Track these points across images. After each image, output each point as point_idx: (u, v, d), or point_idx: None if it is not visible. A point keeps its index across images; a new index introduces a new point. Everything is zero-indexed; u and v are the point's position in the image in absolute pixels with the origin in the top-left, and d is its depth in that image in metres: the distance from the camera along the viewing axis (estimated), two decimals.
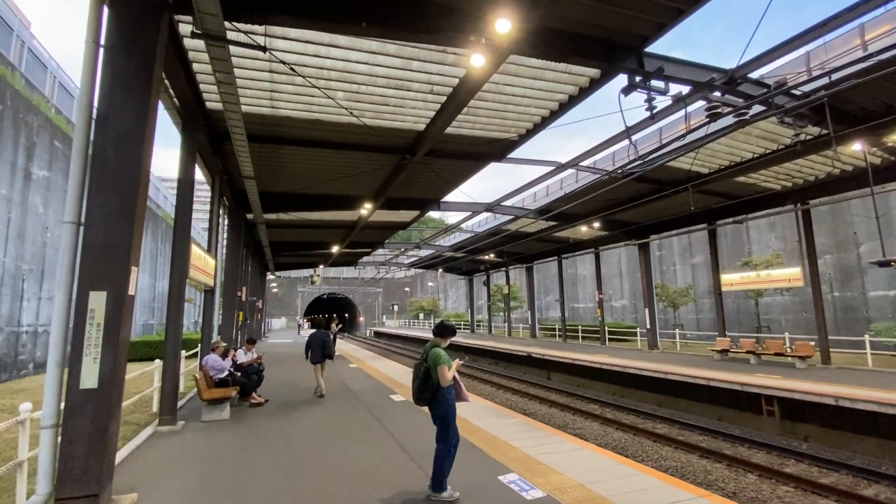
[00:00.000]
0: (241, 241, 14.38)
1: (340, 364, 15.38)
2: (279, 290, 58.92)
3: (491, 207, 16.77)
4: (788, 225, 20.16)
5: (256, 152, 9.53)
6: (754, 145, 11.28)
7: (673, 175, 13.44)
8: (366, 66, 7.17)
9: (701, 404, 12.40)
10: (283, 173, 11.95)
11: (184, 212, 7.26)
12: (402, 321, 60.55)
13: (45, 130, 15.12)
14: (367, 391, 9.81)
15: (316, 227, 18.83)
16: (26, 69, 15.65)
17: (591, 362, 16.08)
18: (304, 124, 8.97)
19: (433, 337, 4.33)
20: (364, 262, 37.13)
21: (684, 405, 12.88)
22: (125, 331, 4.00)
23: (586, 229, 19.28)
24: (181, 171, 7.35)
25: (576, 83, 8.15)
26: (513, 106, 8.94)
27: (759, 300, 19.14)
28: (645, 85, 7.00)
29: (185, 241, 7.21)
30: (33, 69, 16.59)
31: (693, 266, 24.82)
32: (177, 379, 7.09)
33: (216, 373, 7.91)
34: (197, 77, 7.12)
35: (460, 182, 13.08)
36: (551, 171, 13.71)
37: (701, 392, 12.20)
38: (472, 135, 10.11)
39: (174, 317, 6.98)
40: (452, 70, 7.45)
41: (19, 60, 15.55)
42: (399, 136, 9.82)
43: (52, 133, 15.46)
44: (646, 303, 19.18)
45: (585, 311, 32.60)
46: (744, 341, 14.91)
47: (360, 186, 13.40)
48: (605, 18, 6.29)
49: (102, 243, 3.89)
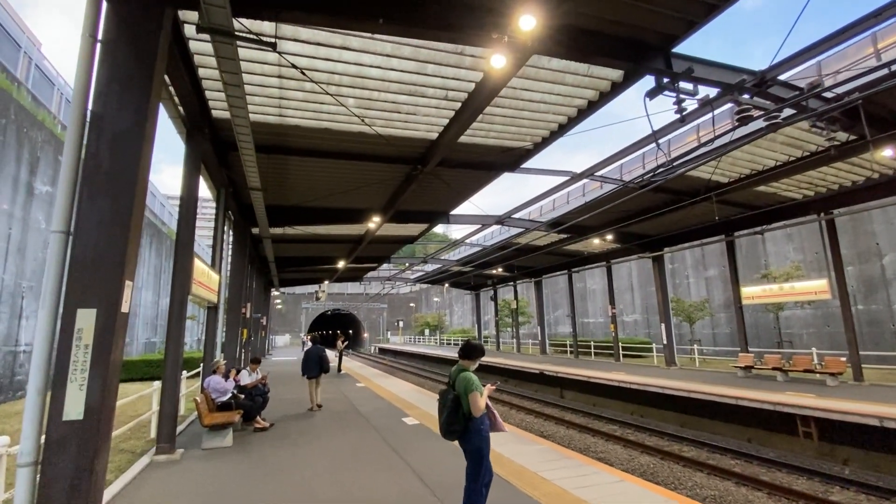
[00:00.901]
0: (246, 256, 14.00)
1: (347, 383, 14.82)
2: (283, 306, 58.42)
3: (501, 220, 16.37)
4: (807, 236, 19.62)
5: (263, 163, 9.21)
6: (778, 152, 10.87)
7: (691, 185, 13.02)
8: (379, 70, 6.85)
9: (728, 425, 11.74)
10: (291, 186, 11.62)
11: (187, 224, 6.88)
12: (406, 337, 59.74)
13: (50, 146, 14.95)
14: (377, 413, 9.26)
15: (322, 241, 18.46)
16: (33, 86, 15.59)
17: (608, 380, 15.42)
18: (313, 133, 8.64)
19: (459, 359, 3.85)
20: (369, 278, 36.67)
21: (709, 425, 12.21)
22: (117, 353, 3.56)
23: (598, 242, 18.82)
24: (184, 181, 6.99)
25: (596, 87, 7.80)
26: (529, 112, 8.59)
27: (779, 314, 18.46)
28: (673, 86, 6.64)
29: (188, 254, 6.81)
30: (41, 86, 16.55)
31: (707, 279, 24.20)
32: (176, 402, 6.60)
33: (218, 395, 7.42)
34: (203, 83, 6.81)
35: (471, 193, 12.71)
36: (564, 182, 13.34)
37: (728, 412, 11.55)
38: (485, 144, 9.75)
39: (175, 335, 6.53)
40: (469, 74, 7.12)
41: (26, 77, 15.50)
42: (411, 146, 9.48)
43: (57, 148, 15.29)
44: (661, 317, 18.57)
45: (596, 326, 31.88)
46: (768, 357, 14.25)
47: (368, 199, 13.05)
48: (632, 16, 5.95)
49: (93, 255, 3.47)
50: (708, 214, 15.73)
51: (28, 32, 16.53)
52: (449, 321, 58.80)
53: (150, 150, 3.93)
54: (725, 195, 13.28)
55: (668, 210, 14.23)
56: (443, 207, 14.78)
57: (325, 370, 10.01)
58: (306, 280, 35.02)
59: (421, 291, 66.40)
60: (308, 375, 9.83)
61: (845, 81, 7.90)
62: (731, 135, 9.04)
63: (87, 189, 3.55)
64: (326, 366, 10.06)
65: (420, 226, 16.86)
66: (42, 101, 15.84)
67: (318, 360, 9.87)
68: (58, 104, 17.87)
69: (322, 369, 9.90)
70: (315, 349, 10.10)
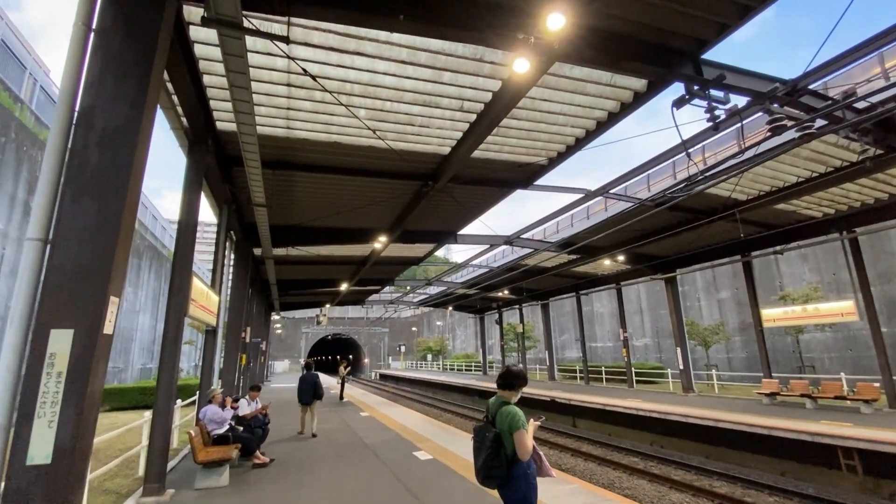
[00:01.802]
0: (248, 277, 13.49)
1: (350, 411, 14.05)
2: (283, 330, 57.39)
3: (510, 240, 15.93)
4: (822, 257, 19.12)
5: (269, 180, 8.82)
6: (801, 168, 10.50)
7: (709, 202, 12.62)
8: (393, 78, 6.53)
9: (758, 457, 10.95)
10: (296, 204, 11.22)
11: (186, 240, 6.41)
12: (408, 362, 58.45)
13: None
14: (385, 446, 8.56)
15: (326, 262, 17.98)
16: (37, 107, 15.45)
17: (625, 408, 14.64)
18: (321, 148, 8.28)
19: (498, 390, 3.29)
20: (371, 301, 35.98)
21: (737, 457, 11.42)
22: (97, 383, 3.02)
23: (609, 263, 18.31)
24: (185, 196, 6.57)
25: (618, 98, 7.47)
26: (546, 125, 8.25)
27: (799, 337, 17.77)
28: (704, 94, 6.28)
29: (186, 273, 6.31)
30: (45, 108, 16.44)
31: (720, 301, 23.56)
32: (168, 436, 5.97)
33: (215, 427, 6.78)
34: (207, 92, 6.48)
35: (481, 212, 12.30)
36: (572, 203, 12.94)
37: (757, 442, 10.79)
38: (499, 159, 9.40)
39: (169, 361, 5.96)
40: (487, 83, 6.80)
41: (31, 98, 15.39)
42: (422, 161, 9.11)
43: None
44: (676, 341, 17.86)
45: (604, 351, 31.00)
46: (795, 383, 13.52)
47: (375, 218, 12.64)
48: (662, 18, 5.65)
49: (74, 265, 2.98)
50: (723, 234, 15.32)
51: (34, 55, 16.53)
52: (451, 346, 57.65)
53: (145, 150, 3.49)
54: (742, 214, 12.88)
55: (684, 229, 13.80)
56: (450, 227, 14.36)
57: (319, 397, 10.11)
58: (307, 304, 34.35)
59: (423, 315, 65.41)
60: (303, 402, 10.03)
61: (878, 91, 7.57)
62: (756, 148, 8.68)
63: (70, 191, 3.09)
64: (321, 392, 10.16)
65: (426, 246, 16.41)
66: (46, 122, 15.68)
67: (312, 385, 10.05)
68: None
69: (315, 395, 10.02)
70: (310, 375, 10.27)
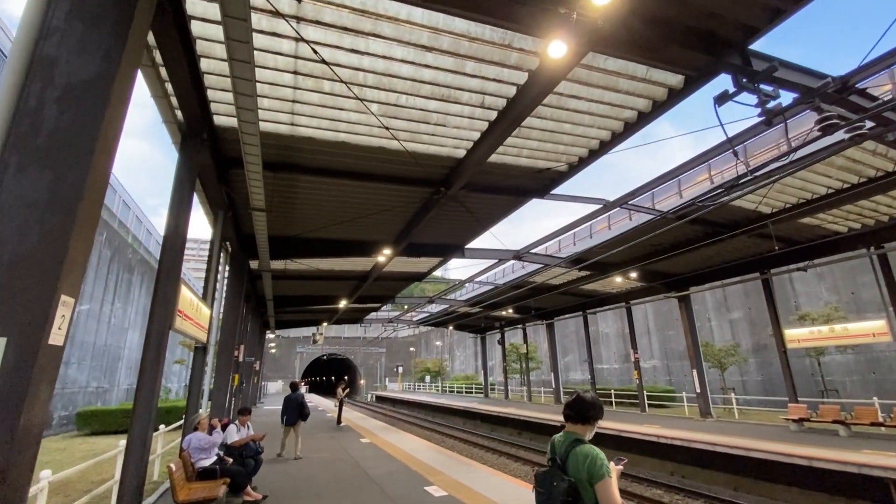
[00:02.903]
0: (243, 292, 12.68)
1: (349, 437, 13.04)
2: (277, 350, 55.91)
3: (519, 255, 15.25)
4: (840, 275, 18.51)
5: (269, 184, 8.14)
6: (834, 178, 9.95)
7: (732, 216, 12.03)
8: (411, 67, 5.93)
9: (793, 490, 10.05)
10: (296, 212, 10.53)
11: (174, 244, 5.67)
12: (406, 384, 56.88)
13: None
14: (391, 479, 7.64)
15: (325, 278, 17.19)
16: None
17: (642, 434, 13.71)
18: (327, 148, 7.64)
19: (568, 424, 2.52)
20: (370, 319, 34.99)
21: (768, 490, 10.50)
22: (37, 407, 2.24)
23: (621, 280, 17.62)
24: (175, 193, 5.86)
25: (651, 96, 6.91)
26: (570, 126, 7.67)
27: (820, 359, 16.98)
28: (754, 87, 5.71)
29: (173, 281, 5.55)
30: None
31: (731, 322, 22.80)
32: (144, 469, 5.10)
33: (201, 457, 5.90)
34: (205, 80, 5.85)
35: (493, 223, 11.64)
36: (588, 215, 12.34)
37: (797, 474, 9.90)
38: (516, 164, 8.78)
39: (149, 381, 5.14)
40: (513, 75, 6.22)
41: None
42: (435, 165, 8.48)
43: None
44: (691, 363, 17.04)
45: (610, 373, 29.99)
46: (825, 408, 12.69)
47: (380, 228, 11.95)
48: (712, 2, 5.11)
49: (11, 254, 2.25)
50: (741, 250, 14.71)
51: None
52: (450, 367, 56.26)
53: (120, 114, 2.80)
54: (764, 229, 12.29)
55: (703, 244, 13.17)
56: (458, 240, 13.68)
57: (304, 417, 10.19)
58: (304, 322, 33.35)
59: (420, 335, 64.12)
60: (288, 423, 10.03)
61: None
62: (792, 155, 8.12)
63: (15, 158, 2.38)
64: (306, 412, 10.24)
65: (432, 260, 15.69)
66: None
67: (298, 406, 10.11)
68: None
69: (301, 416, 10.11)
70: (295, 396, 10.32)
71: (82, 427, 15.11)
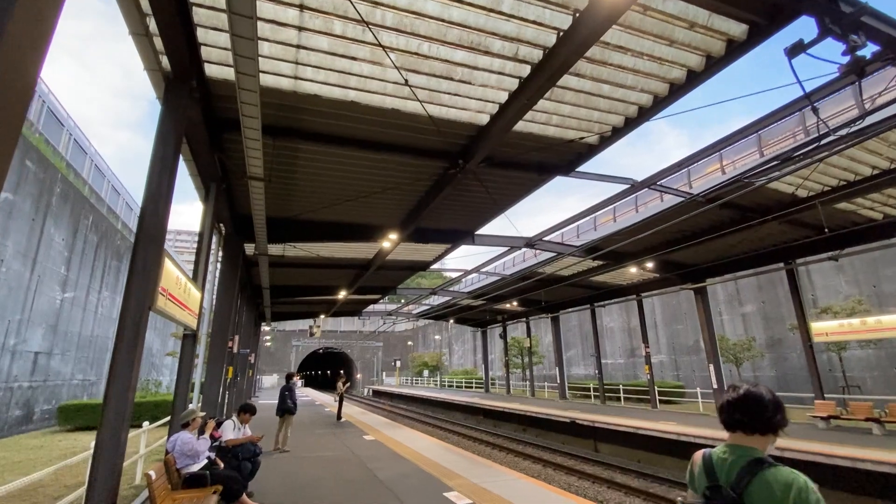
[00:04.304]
0: (237, 279, 11.75)
1: (352, 434, 12.21)
2: (273, 343, 54.93)
3: (532, 242, 14.40)
4: (860, 268, 17.83)
5: (268, 154, 7.18)
6: (883, 156, 9.16)
7: (764, 200, 11.22)
8: (437, 4, 5.03)
9: (837, 493, 9.36)
10: (297, 189, 9.61)
11: (156, 208, 4.75)
12: (403, 378, 56.14)
13: (18, 149, 12.95)
14: (405, 484, 6.81)
15: (325, 266, 16.27)
16: None
17: (660, 431, 12.97)
18: (334, 108, 6.72)
19: (734, 434, 1.68)
20: (368, 312, 34.09)
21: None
22: None
23: (635, 270, 16.83)
24: (157, 150, 4.94)
25: (707, 49, 6.04)
26: (609, 88, 6.80)
27: (841, 355, 16.31)
28: (842, 34, 4.86)
29: (155, 252, 4.64)
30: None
31: (744, 316, 22.12)
32: (116, 477, 4.21)
33: (187, 462, 5.03)
34: (193, 14, 4.91)
35: (510, 204, 10.76)
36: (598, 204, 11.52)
37: (835, 476, 9.20)
38: (543, 134, 7.90)
39: (124, 372, 4.24)
40: (555, 18, 5.34)
41: None
42: (454, 133, 7.58)
43: (25, 151, 13.29)
44: (709, 358, 16.33)
45: (614, 368, 29.33)
46: (856, 405, 12.01)
47: (386, 210, 11.06)
48: None
49: None
50: (766, 239, 13.94)
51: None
52: (448, 361, 55.55)
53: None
54: (794, 215, 11.52)
55: (728, 231, 12.38)
56: (469, 225, 12.80)
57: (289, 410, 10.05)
58: (300, 314, 32.41)
59: (418, 329, 63.34)
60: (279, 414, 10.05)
61: None
62: (861, 121, 7.28)
63: None
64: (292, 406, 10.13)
65: (438, 248, 14.81)
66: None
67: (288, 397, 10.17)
68: (38, 112, 16.08)
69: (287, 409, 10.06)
70: (286, 387, 10.39)
71: (65, 422, 14.17)
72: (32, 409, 14.61)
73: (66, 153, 18.38)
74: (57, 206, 15.40)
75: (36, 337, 14.61)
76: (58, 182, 15.34)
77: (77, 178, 18.55)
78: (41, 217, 14.36)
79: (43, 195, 14.37)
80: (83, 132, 20.75)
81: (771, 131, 12.46)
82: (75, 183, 17.74)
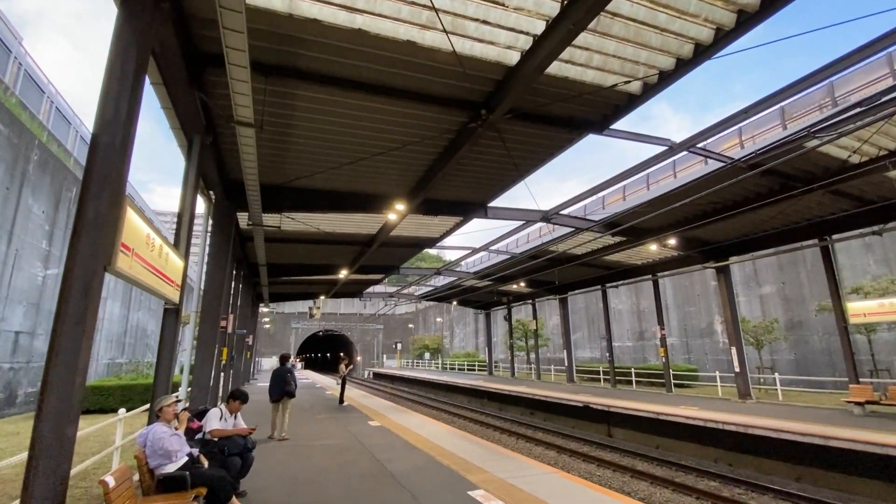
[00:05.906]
0: (230, 251, 10.73)
1: (356, 420, 11.36)
2: (272, 325, 54.27)
3: (548, 217, 13.36)
4: (891, 246, 16.87)
5: (259, 97, 6.07)
6: None
7: (810, 167, 10.17)
8: None
9: (875, 483, 8.62)
10: (294, 147, 8.50)
11: (111, 140, 3.68)
12: (404, 361, 55.70)
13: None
14: (420, 478, 5.92)
15: (325, 242, 15.25)
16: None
17: (679, 416, 12.21)
18: (337, 40, 5.60)
19: None
20: (369, 294, 33.22)
21: (841, 481, 9.07)
22: None
23: (655, 248, 15.84)
24: (113, 65, 3.84)
25: None
26: (666, 18, 5.69)
27: (871, 337, 15.48)
28: None
29: (110, 195, 3.60)
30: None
31: (762, 297, 21.24)
32: (61, 482, 3.25)
33: (161, 461, 4.09)
34: None
35: (532, 168, 9.68)
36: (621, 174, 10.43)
37: (887, 466, 8.41)
38: (580, 79, 6.79)
39: (68, 350, 3.26)
40: None
41: None
42: (479, 72, 6.45)
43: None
44: (731, 340, 15.48)
45: (622, 351, 28.61)
46: (895, 390, 11.19)
47: (394, 175, 9.99)
48: None
49: None
50: (802, 212, 12.91)
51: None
52: (449, 344, 55.03)
53: None
54: (839, 183, 10.48)
55: (766, 203, 11.33)
56: (482, 196, 11.74)
57: (289, 394, 9.02)
58: (300, 295, 31.55)
59: (419, 312, 62.68)
60: (272, 399, 9.04)
61: None
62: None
63: None
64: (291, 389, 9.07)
65: (448, 221, 13.77)
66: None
67: (283, 380, 9.02)
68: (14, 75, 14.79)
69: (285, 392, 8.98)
70: (282, 369, 9.24)
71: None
72: (15, 392, 13.75)
73: (48, 122, 17.12)
74: (35, 176, 14.26)
75: (16, 315, 13.64)
76: (34, 149, 14.16)
77: (60, 149, 17.34)
78: (17, 186, 13.24)
79: (18, 161, 13.22)
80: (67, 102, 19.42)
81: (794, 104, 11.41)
82: (58, 154, 16.55)
